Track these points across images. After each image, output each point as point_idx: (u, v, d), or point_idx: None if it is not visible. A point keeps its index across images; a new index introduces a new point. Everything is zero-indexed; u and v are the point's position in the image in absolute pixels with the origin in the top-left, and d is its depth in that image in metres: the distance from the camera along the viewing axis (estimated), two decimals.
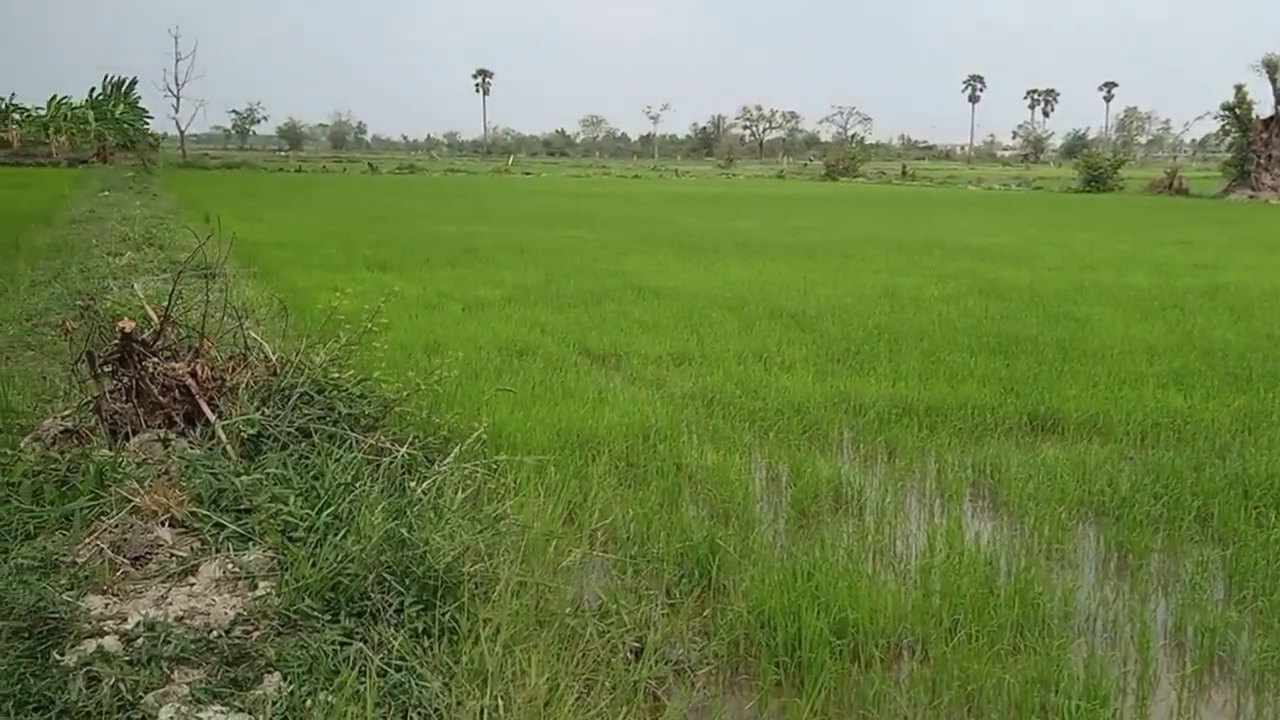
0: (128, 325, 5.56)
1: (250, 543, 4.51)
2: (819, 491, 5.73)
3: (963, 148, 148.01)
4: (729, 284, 13.82)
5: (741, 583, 4.47)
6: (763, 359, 8.99)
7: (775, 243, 20.34)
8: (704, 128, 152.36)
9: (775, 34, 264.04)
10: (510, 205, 33.59)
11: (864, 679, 3.80)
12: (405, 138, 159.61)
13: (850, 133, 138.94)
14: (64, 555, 4.31)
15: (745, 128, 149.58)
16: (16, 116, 68.06)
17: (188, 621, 3.83)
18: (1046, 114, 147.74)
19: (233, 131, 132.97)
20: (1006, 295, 13.08)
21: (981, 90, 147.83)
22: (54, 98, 68.76)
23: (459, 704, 3.33)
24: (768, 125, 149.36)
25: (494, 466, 5.48)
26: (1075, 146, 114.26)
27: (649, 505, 5.35)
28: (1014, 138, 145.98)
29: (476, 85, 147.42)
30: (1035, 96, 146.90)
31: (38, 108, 68.49)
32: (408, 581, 3.95)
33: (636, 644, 3.92)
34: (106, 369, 5.74)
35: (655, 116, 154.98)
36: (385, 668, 3.49)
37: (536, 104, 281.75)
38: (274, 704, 3.29)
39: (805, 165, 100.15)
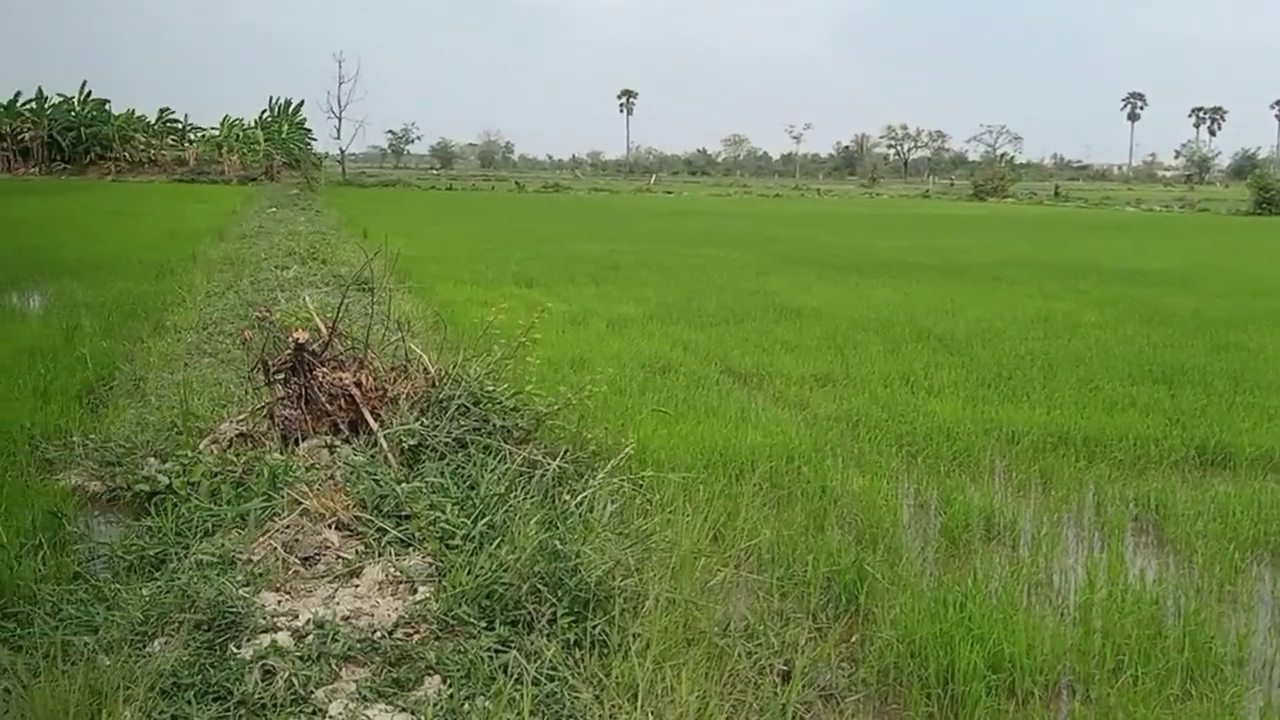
0: (301, 336, 5.87)
1: (410, 548, 4.70)
2: (970, 520, 5.59)
3: (1120, 167, 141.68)
4: (873, 305, 13.61)
5: (890, 610, 4.39)
6: (909, 382, 8.82)
7: (921, 264, 19.93)
8: (847, 147, 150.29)
9: (921, 52, 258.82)
10: (652, 224, 33.89)
11: (1021, 716, 3.69)
12: (550, 157, 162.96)
13: (999, 152, 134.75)
14: (240, 553, 4.57)
15: (889, 147, 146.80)
16: (192, 136, 72.62)
17: (353, 621, 4.01)
18: (1213, 133, 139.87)
19: (389, 151, 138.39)
20: (1169, 322, 12.48)
21: (1142, 108, 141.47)
22: (226, 118, 73.12)
23: (611, 717, 3.39)
24: (913, 144, 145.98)
25: (640, 482, 5.55)
26: (1244, 167, 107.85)
27: (794, 527, 5.31)
28: (1176, 157, 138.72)
29: (620, 106, 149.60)
30: (1201, 115, 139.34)
31: (212, 128, 72.93)
32: (560, 593, 4.04)
33: (784, 667, 3.90)
34: (279, 377, 6.07)
35: (798, 136, 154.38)
36: (539, 677, 3.58)
37: (678, 124, 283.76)
38: (434, 705, 3.41)
39: (951, 185, 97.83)
